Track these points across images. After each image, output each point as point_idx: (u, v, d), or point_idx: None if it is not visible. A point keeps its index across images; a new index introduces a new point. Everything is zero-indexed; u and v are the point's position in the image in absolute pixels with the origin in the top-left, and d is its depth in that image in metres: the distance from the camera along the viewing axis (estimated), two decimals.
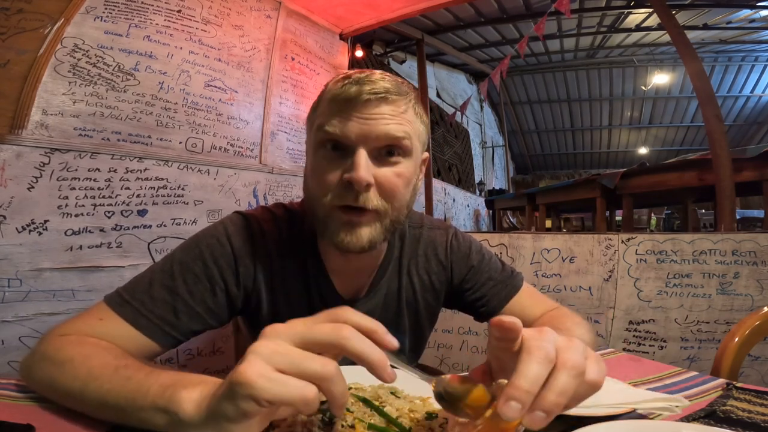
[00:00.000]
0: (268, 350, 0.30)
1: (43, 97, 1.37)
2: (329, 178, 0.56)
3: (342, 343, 0.31)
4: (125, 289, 0.57)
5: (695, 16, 5.39)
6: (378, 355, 0.31)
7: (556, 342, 0.33)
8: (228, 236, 0.63)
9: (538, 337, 0.32)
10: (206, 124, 1.85)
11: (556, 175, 11.71)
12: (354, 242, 0.57)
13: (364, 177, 0.53)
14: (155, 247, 1.64)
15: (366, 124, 0.54)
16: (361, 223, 0.57)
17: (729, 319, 1.70)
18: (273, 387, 0.28)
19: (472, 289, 0.75)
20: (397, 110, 0.56)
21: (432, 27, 5.19)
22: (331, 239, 0.58)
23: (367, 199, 0.55)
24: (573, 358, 0.31)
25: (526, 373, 0.30)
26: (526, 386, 0.29)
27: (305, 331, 0.32)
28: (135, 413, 0.37)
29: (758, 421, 0.47)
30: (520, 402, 0.29)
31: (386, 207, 0.57)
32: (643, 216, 5.74)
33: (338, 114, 0.55)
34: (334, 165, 0.56)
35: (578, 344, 0.33)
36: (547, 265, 1.89)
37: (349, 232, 0.56)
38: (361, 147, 0.55)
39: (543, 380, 0.30)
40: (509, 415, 0.29)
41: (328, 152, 0.57)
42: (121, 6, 1.58)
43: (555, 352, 0.31)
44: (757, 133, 9.36)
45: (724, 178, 2.11)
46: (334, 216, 0.57)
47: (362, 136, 0.55)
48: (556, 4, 2.77)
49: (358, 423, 0.40)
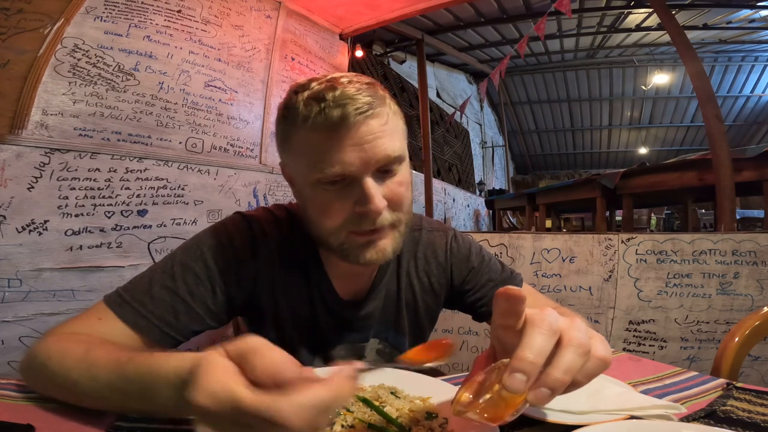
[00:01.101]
0: None
1: (43, 97, 1.37)
2: (338, 213, 0.55)
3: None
4: (125, 290, 0.57)
5: (695, 16, 5.39)
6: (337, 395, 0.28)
7: (558, 320, 0.32)
8: (229, 237, 0.63)
9: (541, 312, 0.32)
10: (206, 124, 1.85)
11: (556, 175, 11.72)
12: (380, 257, 0.57)
13: (380, 206, 0.53)
14: (155, 247, 1.64)
15: (363, 151, 0.52)
16: (382, 238, 0.57)
17: (729, 319, 1.70)
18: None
19: (472, 291, 0.75)
20: (383, 122, 0.54)
21: (432, 27, 5.19)
22: (355, 259, 0.57)
23: (383, 219, 0.55)
24: (578, 336, 0.31)
25: (530, 345, 0.29)
26: (530, 357, 0.29)
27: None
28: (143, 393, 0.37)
29: (758, 421, 0.47)
30: (526, 373, 0.28)
31: (398, 217, 0.58)
32: (643, 216, 5.73)
33: (328, 147, 0.51)
34: (340, 198, 0.54)
35: (581, 324, 0.33)
36: (547, 265, 1.89)
37: (372, 250, 0.56)
38: (365, 176, 0.53)
39: (548, 351, 0.30)
40: (515, 387, 0.28)
41: (329, 186, 0.54)
42: (121, 6, 1.58)
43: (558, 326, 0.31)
44: (757, 133, 9.36)
45: (724, 178, 2.11)
46: (352, 241, 0.57)
47: (363, 165, 0.52)
48: (556, 4, 2.77)
49: (358, 423, 0.40)
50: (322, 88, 0.52)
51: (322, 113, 0.50)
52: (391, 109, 0.57)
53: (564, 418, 0.43)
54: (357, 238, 0.56)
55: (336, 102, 0.50)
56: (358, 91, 0.52)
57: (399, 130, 0.57)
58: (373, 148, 0.52)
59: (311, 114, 0.51)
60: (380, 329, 0.73)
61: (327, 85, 0.52)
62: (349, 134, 0.51)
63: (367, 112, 0.51)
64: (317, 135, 0.52)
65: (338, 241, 0.57)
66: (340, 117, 0.50)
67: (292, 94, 0.55)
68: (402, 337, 0.75)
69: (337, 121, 0.50)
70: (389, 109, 0.56)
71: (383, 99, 0.55)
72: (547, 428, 0.42)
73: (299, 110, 0.52)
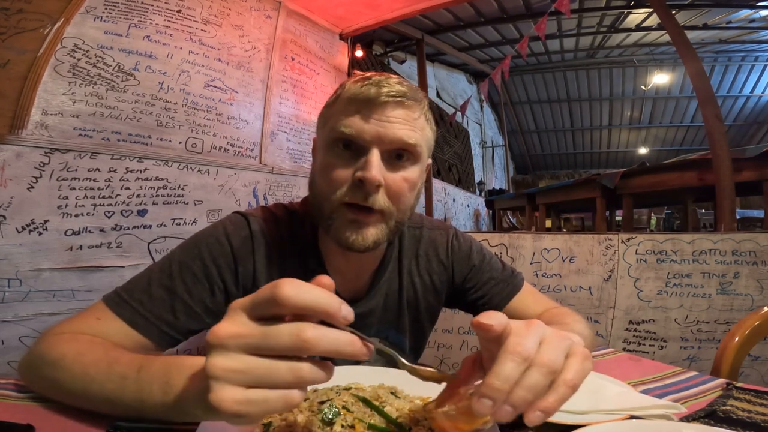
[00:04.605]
0: (228, 371, 0.28)
1: (43, 97, 1.37)
2: (340, 175, 0.57)
3: (307, 349, 0.28)
4: (124, 289, 0.57)
5: (695, 16, 5.38)
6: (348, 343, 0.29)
7: (542, 336, 0.33)
8: (227, 236, 0.63)
9: (522, 333, 0.32)
10: (206, 124, 1.85)
11: (556, 175, 11.71)
12: (359, 241, 0.57)
13: (377, 177, 0.54)
14: (155, 247, 1.64)
15: (381, 126, 0.56)
16: (368, 223, 0.57)
17: (729, 319, 1.70)
18: (254, 408, 0.27)
19: (473, 289, 0.75)
20: (411, 115, 0.58)
21: (432, 27, 5.19)
22: (336, 237, 0.58)
23: (376, 200, 0.56)
24: (550, 357, 0.31)
25: (499, 373, 0.30)
26: (497, 384, 0.30)
27: (259, 341, 0.28)
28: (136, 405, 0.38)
29: (758, 421, 0.47)
30: (492, 399, 0.30)
31: (392, 209, 0.58)
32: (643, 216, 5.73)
33: (355, 114, 0.56)
34: (346, 163, 0.57)
35: (563, 342, 0.33)
36: (547, 265, 1.89)
37: (356, 231, 0.57)
38: (374, 147, 0.56)
39: (516, 378, 0.30)
40: (481, 412, 0.30)
41: (340, 150, 0.58)
42: (121, 6, 1.58)
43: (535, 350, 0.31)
44: (757, 133, 9.35)
45: (724, 178, 2.11)
46: (341, 213, 0.57)
47: (377, 138, 0.56)
48: (556, 4, 2.77)
49: (358, 423, 0.40)
50: (374, 74, 0.59)
51: (363, 87, 0.57)
52: (425, 115, 0.61)
53: (564, 418, 0.43)
54: (348, 212, 0.57)
55: (377, 83, 0.57)
56: (400, 83, 0.58)
57: (424, 131, 0.61)
58: (392, 127, 0.56)
59: (355, 87, 0.57)
60: (381, 328, 0.73)
61: (379, 74, 0.59)
62: (376, 109, 0.56)
63: (397, 98, 0.56)
64: (350, 105, 0.57)
65: (329, 210, 0.58)
66: (374, 94, 0.56)
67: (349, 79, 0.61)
68: (402, 336, 0.75)
69: (371, 96, 0.56)
70: (422, 111, 0.60)
71: (420, 100, 0.60)
72: (547, 428, 0.42)
73: (347, 86, 0.59)
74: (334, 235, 0.58)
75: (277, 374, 0.28)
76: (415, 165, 0.60)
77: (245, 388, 0.28)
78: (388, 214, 0.58)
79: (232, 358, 0.28)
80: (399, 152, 0.58)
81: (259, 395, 0.28)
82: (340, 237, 0.58)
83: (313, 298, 0.28)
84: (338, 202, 0.57)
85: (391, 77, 0.59)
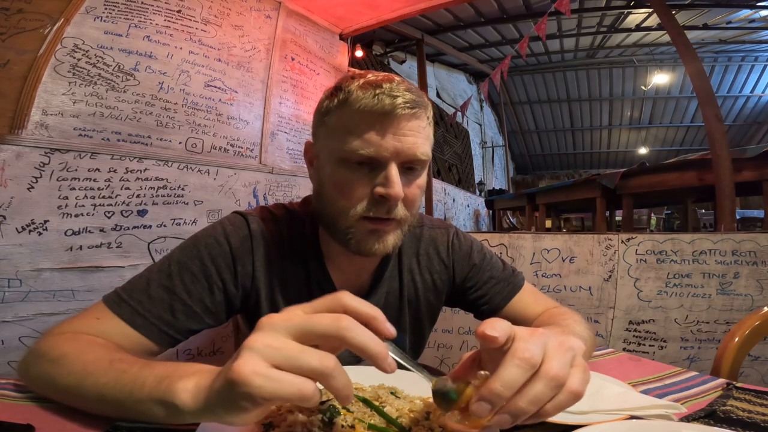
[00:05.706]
0: (264, 345, 0.29)
1: (43, 97, 1.37)
2: (357, 192, 0.57)
3: (341, 334, 0.30)
4: (123, 289, 0.57)
5: (695, 16, 5.39)
6: (378, 347, 0.30)
7: (546, 345, 0.32)
8: (226, 236, 0.63)
9: (528, 339, 0.32)
10: (206, 124, 1.85)
11: (556, 175, 11.72)
12: (381, 249, 0.59)
13: (401, 193, 0.56)
14: (155, 247, 1.63)
15: (398, 141, 0.56)
16: (387, 231, 0.59)
17: (729, 319, 1.70)
18: (269, 385, 0.28)
19: (473, 288, 0.76)
20: (421, 125, 0.58)
21: (432, 27, 5.20)
22: (357, 248, 0.59)
23: (396, 212, 0.58)
24: (556, 368, 0.31)
25: (503, 377, 0.30)
26: (499, 390, 0.30)
27: (303, 322, 0.31)
28: (133, 406, 0.37)
29: (758, 421, 0.47)
30: (491, 404, 0.30)
31: (407, 215, 0.61)
32: (643, 216, 5.73)
33: (370, 130, 0.55)
34: (362, 178, 0.57)
35: (568, 352, 0.33)
36: (547, 265, 1.89)
37: (377, 240, 0.59)
38: (392, 162, 0.56)
39: (519, 385, 0.30)
40: (478, 413, 0.30)
41: (354, 166, 0.57)
42: (121, 6, 1.58)
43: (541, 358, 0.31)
44: (757, 133, 9.36)
45: (724, 178, 2.11)
46: (362, 226, 0.58)
47: (395, 153, 0.56)
48: (556, 4, 2.77)
49: (358, 423, 0.40)
50: (379, 78, 0.57)
51: (376, 98, 0.54)
52: (429, 119, 0.61)
53: (564, 418, 0.43)
54: (367, 224, 0.58)
55: (390, 92, 0.55)
56: (408, 89, 0.57)
57: (430, 138, 0.62)
58: (407, 141, 0.56)
59: (365, 96, 0.55)
60: None
61: (384, 78, 0.58)
62: (392, 123, 0.55)
63: (413, 110, 0.56)
64: (364, 116, 0.55)
65: (346, 224, 0.58)
66: (391, 106, 0.54)
67: (348, 79, 0.59)
68: (402, 335, 0.75)
69: (388, 108, 0.54)
70: (428, 117, 0.61)
71: (427, 106, 0.60)
72: (547, 428, 0.42)
73: (352, 91, 0.56)
74: (355, 246, 0.59)
75: (307, 356, 0.29)
76: (424, 170, 0.62)
77: (270, 365, 0.29)
78: (404, 220, 0.60)
79: (274, 337, 0.30)
80: (413, 165, 0.59)
81: (277, 374, 0.28)
82: (361, 248, 0.59)
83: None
84: (358, 217, 0.58)
85: (396, 80, 0.58)
